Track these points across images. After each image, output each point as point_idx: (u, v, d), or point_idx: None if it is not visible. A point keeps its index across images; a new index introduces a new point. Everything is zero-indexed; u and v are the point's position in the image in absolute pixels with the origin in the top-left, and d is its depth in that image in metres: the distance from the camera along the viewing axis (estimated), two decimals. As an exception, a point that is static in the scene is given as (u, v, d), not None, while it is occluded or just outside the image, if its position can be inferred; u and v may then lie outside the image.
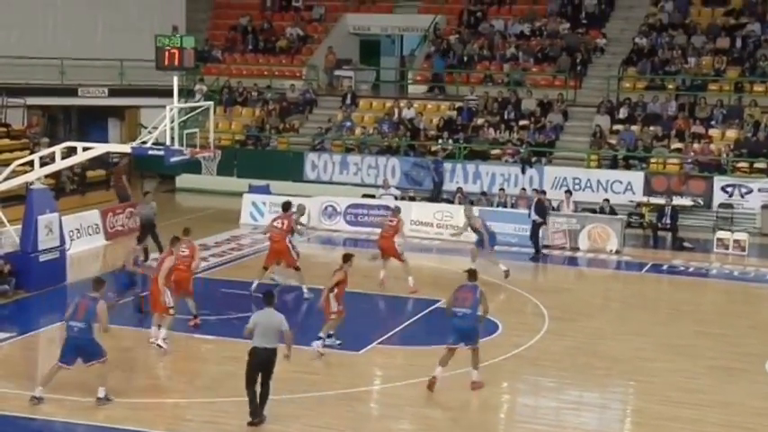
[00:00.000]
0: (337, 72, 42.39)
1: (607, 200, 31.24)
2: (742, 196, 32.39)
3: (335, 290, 18.84)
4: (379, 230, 24.55)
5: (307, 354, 18.28)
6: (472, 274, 17.92)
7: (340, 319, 19.11)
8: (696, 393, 17.56)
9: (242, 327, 19.99)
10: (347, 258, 19.13)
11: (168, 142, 22.26)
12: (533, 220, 28.51)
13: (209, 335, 20.07)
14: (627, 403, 17.87)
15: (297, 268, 23.17)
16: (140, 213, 26.36)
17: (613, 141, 35.18)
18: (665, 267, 27.81)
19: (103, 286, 16.60)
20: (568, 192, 31.62)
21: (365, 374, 18.33)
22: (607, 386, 18.29)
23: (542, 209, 28.71)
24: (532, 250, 28.58)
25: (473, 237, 25.52)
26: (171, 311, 19.17)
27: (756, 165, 33.21)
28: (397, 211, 24.93)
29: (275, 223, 23.40)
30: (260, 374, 15.50)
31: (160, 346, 18.92)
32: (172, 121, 22.11)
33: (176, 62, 22.40)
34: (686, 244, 29.99)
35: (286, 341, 15.68)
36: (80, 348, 16.07)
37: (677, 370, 18.82)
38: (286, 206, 23.86)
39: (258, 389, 15.51)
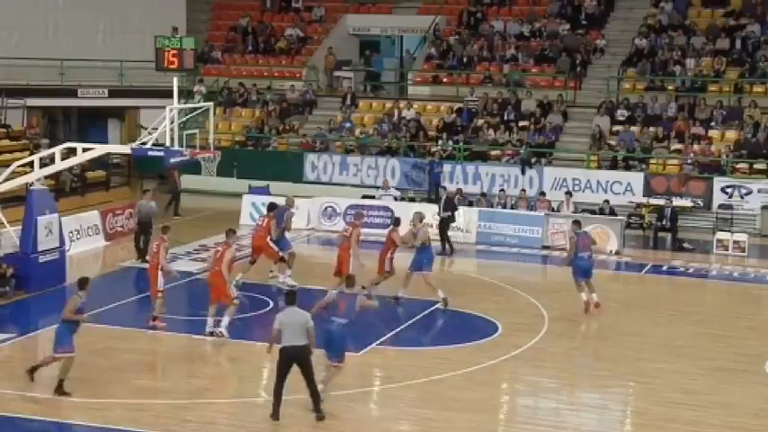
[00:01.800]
0: (337, 73, 42.38)
1: (607, 201, 31.26)
2: (742, 197, 32.37)
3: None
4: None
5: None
6: (577, 223, 23.03)
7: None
8: (696, 394, 17.57)
9: (241, 327, 20.22)
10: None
11: (168, 143, 22.26)
12: (441, 217, 28.46)
13: (208, 335, 20.02)
14: (627, 404, 17.87)
15: (281, 259, 23.71)
16: (140, 212, 26.34)
17: (613, 142, 35.17)
18: (664, 268, 27.82)
19: (87, 284, 17.01)
20: (568, 193, 31.64)
21: (364, 375, 18.32)
22: (607, 387, 18.27)
23: (452, 205, 28.82)
24: (530, 251, 28.62)
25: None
26: (235, 301, 19.56)
27: (756, 166, 33.18)
28: (396, 222, 23.76)
29: (258, 221, 24.54)
30: (301, 372, 15.59)
31: (222, 334, 19.31)
32: (172, 122, 22.11)
33: (176, 63, 22.48)
34: (686, 245, 30.00)
35: (310, 339, 15.75)
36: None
37: (677, 371, 18.82)
38: (271, 207, 24.45)
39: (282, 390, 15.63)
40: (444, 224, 28.62)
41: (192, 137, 23.72)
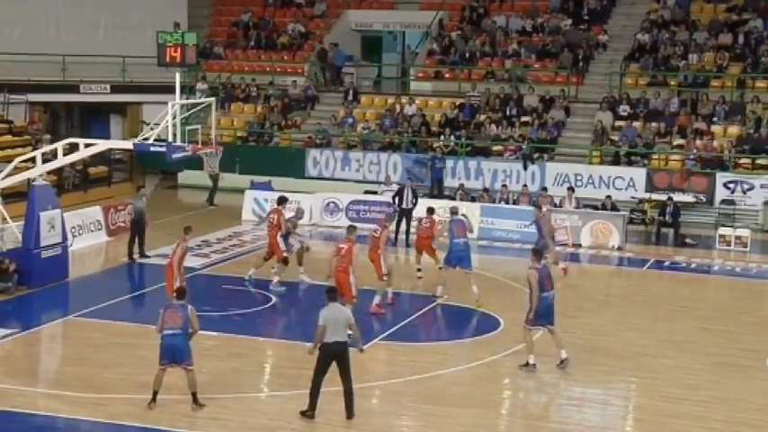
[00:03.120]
0: (339, 68, 42.37)
1: (609, 196, 31.22)
2: (744, 193, 32.36)
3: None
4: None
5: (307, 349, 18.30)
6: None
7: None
8: (699, 390, 17.53)
9: (244, 323, 20.23)
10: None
11: (170, 139, 22.24)
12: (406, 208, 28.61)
13: (211, 331, 19.97)
14: (629, 400, 17.83)
15: (285, 261, 23.43)
16: (134, 207, 26.33)
17: (615, 138, 35.14)
18: (666, 264, 27.81)
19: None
20: (571, 188, 31.60)
21: (368, 370, 18.30)
22: (609, 383, 18.25)
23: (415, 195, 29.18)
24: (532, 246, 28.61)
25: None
26: (355, 300, 19.50)
27: (759, 161, 33.15)
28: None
29: (269, 217, 24.07)
30: (338, 368, 15.50)
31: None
32: (174, 118, 22.09)
33: (178, 59, 22.44)
34: (688, 240, 29.98)
35: (354, 334, 15.79)
36: None
37: (679, 366, 18.80)
38: (280, 200, 24.28)
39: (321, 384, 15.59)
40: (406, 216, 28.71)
41: (194, 132, 23.70)
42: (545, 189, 32.13)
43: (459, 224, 22.75)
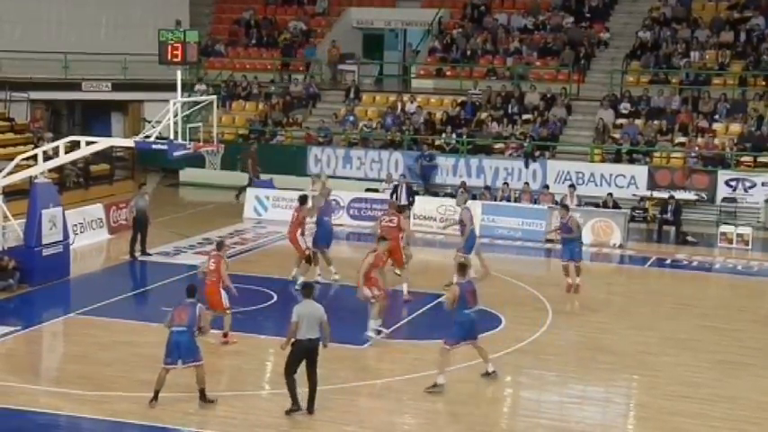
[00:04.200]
0: (340, 66, 42.33)
1: (610, 194, 31.18)
2: (746, 190, 32.30)
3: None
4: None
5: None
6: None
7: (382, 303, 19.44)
8: (700, 388, 17.52)
9: (245, 320, 20.23)
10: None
11: (172, 136, 22.23)
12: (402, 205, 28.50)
13: (212, 329, 20.01)
14: (630, 397, 17.84)
15: (307, 260, 23.46)
16: (136, 205, 26.28)
17: (617, 135, 35.11)
18: (668, 262, 27.79)
19: None
20: (572, 186, 31.56)
21: (368, 369, 18.33)
22: (611, 380, 18.24)
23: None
24: (534, 244, 28.66)
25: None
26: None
27: (760, 159, 33.09)
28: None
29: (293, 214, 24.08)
30: (306, 363, 15.56)
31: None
32: (175, 116, 22.07)
33: (179, 56, 22.36)
34: (690, 238, 29.96)
35: (324, 333, 15.77)
36: None
37: (681, 364, 18.79)
38: (302, 199, 24.19)
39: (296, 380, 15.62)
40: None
41: (196, 130, 23.69)
42: (546, 187, 32.10)
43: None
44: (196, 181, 36.75)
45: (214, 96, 25.00)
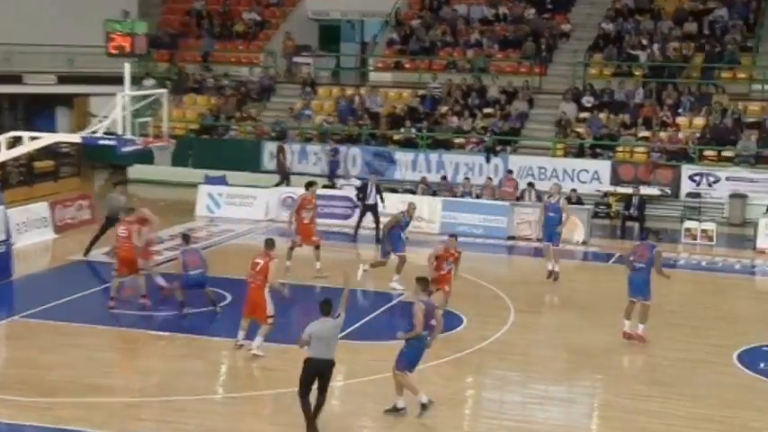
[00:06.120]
0: (296, 59, 41.62)
1: (574, 190, 30.85)
2: (710, 185, 32.08)
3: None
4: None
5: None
6: (653, 234, 21.58)
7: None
8: (664, 386, 17.37)
9: (198, 322, 19.61)
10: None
11: (120, 131, 21.69)
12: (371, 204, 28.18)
13: (163, 331, 19.52)
14: (594, 397, 17.63)
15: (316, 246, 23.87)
16: (109, 205, 25.44)
17: (580, 129, 34.68)
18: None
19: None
20: (530, 184, 31.16)
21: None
22: (574, 380, 18.04)
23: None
24: (496, 241, 28.29)
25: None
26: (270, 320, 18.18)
27: (724, 153, 32.83)
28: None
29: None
30: (318, 383, 14.77)
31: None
32: (123, 110, 21.56)
33: (128, 48, 22.10)
34: (653, 234, 29.54)
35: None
36: None
37: (645, 363, 18.78)
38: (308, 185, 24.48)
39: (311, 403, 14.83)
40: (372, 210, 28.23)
41: (145, 125, 23.06)
42: (510, 171, 31.70)
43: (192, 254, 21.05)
44: (146, 178, 36.02)
45: (164, 90, 24.41)
